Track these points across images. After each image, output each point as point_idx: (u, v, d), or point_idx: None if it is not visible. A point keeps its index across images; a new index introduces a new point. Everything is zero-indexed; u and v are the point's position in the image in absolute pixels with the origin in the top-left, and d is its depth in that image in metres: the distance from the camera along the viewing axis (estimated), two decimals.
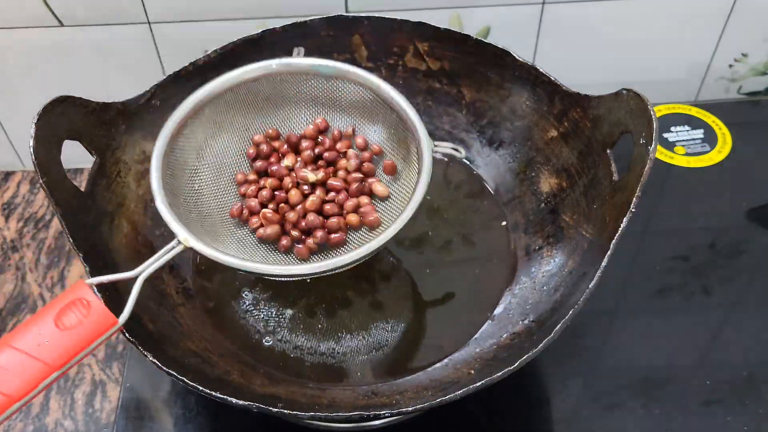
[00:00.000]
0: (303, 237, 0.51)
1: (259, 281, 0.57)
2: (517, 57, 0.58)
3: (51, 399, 0.59)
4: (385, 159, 0.53)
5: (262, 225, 0.51)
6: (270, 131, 0.55)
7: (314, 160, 0.54)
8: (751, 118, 0.79)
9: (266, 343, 0.53)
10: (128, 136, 0.55)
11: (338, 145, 0.54)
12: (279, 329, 0.54)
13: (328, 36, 0.62)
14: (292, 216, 0.51)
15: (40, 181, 0.45)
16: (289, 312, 0.55)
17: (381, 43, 0.63)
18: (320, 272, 0.46)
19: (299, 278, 0.49)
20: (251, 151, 0.54)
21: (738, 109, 0.80)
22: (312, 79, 0.54)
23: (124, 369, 0.58)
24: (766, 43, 0.76)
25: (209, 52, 0.59)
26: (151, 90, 0.56)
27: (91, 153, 0.52)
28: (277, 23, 0.61)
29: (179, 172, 0.50)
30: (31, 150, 0.45)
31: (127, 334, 0.44)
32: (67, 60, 0.71)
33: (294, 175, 0.52)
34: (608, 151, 0.52)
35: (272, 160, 0.53)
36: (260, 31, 0.60)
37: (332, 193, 0.52)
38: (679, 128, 0.75)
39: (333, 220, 0.50)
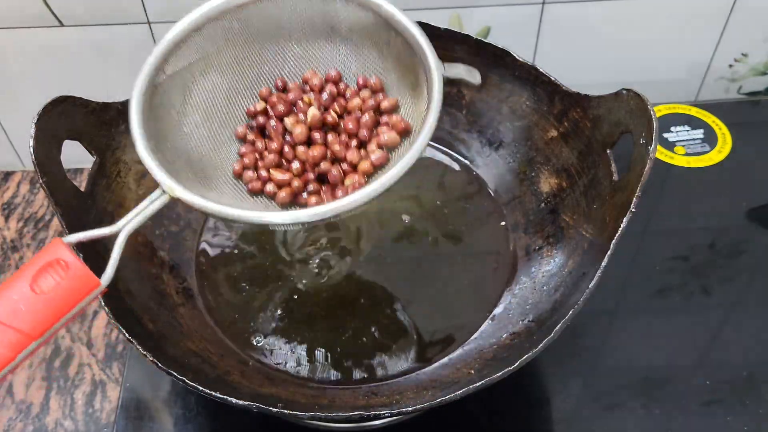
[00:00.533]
0: (313, 189, 0.46)
1: (260, 281, 0.57)
2: (517, 57, 0.58)
3: (51, 399, 0.59)
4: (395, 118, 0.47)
5: (274, 190, 0.46)
6: (278, 81, 0.49)
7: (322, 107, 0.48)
8: (751, 118, 0.79)
9: (266, 344, 0.53)
10: (128, 136, 0.55)
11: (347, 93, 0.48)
12: (279, 329, 0.54)
13: None
14: (296, 184, 0.45)
15: (40, 181, 0.45)
16: (288, 312, 0.55)
17: None
18: (325, 217, 0.41)
19: (302, 224, 0.42)
20: (252, 108, 0.48)
21: (738, 109, 0.80)
22: (307, 1, 0.47)
23: (124, 369, 0.58)
24: (766, 43, 0.76)
25: None
26: None
27: (91, 153, 0.52)
28: None
29: (164, 113, 0.45)
30: (31, 150, 0.45)
31: (127, 334, 0.44)
32: (67, 60, 0.71)
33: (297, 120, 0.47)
34: (608, 151, 0.52)
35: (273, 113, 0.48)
36: None
37: (344, 136, 0.46)
38: (679, 128, 0.75)
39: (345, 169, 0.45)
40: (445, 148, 0.64)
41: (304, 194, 0.46)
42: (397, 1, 0.69)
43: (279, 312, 0.55)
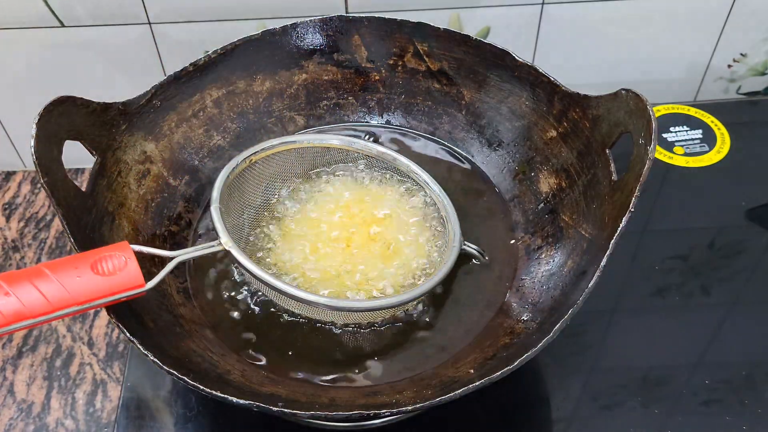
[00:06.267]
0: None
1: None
2: (516, 57, 0.58)
3: (52, 398, 0.59)
4: None
5: None
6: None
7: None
8: (750, 118, 0.79)
9: (267, 343, 0.53)
10: (129, 136, 0.55)
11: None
12: (280, 328, 0.54)
13: (328, 36, 0.62)
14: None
15: (41, 181, 0.45)
16: (289, 310, 0.55)
17: (381, 44, 0.63)
18: (332, 307, 0.50)
19: (311, 306, 0.50)
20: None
21: (737, 110, 0.80)
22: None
23: (125, 368, 0.58)
24: (765, 43, 0.76)
25: (209, 52, 0.59)
26: (152, 90, 0.56)
27: (92, 153, 0.52)
28: (277, 23, 0.61)
29: (236, 194, 0.56)
30: (32, 150, 0.45)
31: (128, 334, 0.44)
32: (68, 60, 0.71)
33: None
34: (607, 151, 0.52)
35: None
36: (260, 31, 0.60)
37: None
38: (678, 128, 0.76)
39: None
40: (445, 147, 0.64)
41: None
42: (397, 1, 0.69)
43: (278, 310, 0.55)
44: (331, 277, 0.54)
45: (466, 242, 0.56)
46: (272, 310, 0.55)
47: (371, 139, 0.63)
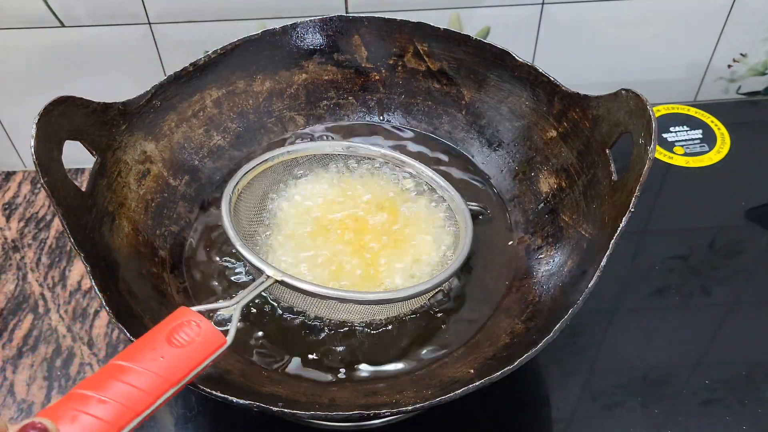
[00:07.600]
0: None
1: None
2: (516, 57, 0.58)
3: (52, 398, 0.59)
4: None
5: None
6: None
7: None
8: (750, 118, 0.79)
9: (266, 342, 0.53)
10: (129, 136, 0.56)
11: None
12: (278, 327, 0.54)
13: (328, 36, 0.62)
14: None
15: (41, 181, 0.45)
16: (288, 310, 0.55)
17: (381, 44, 0.63)
18: (359, 300, 0.50)
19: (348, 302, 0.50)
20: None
21: (737, 110, 0.80)
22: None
23: None
24: (765, 43, 0.76)
25: (209, 52, 0.59)
26: (152, 90, 0.56)
27: (92, 153, 0.52)
28: (277, 23, 0.61)
29: (241, 210, 0.56)
30: (32, 150, 0.45)
31: (128, 334, 0.44)
32: (68, 60, 0.71)
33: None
34: (607, 151, 0.52)
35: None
36: (260, 31, 0.60)
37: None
38: (678, 128, 0.76)
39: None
40: (444, 146, 0.64)
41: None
42: (397, 1, 0.69)
43: (278, 311, 0.55)
44: (356, 277, 0.54)
45: (468, 203, 0.57)
46: (272, 309, 0.55)
47: (331, 139, 0.64)
